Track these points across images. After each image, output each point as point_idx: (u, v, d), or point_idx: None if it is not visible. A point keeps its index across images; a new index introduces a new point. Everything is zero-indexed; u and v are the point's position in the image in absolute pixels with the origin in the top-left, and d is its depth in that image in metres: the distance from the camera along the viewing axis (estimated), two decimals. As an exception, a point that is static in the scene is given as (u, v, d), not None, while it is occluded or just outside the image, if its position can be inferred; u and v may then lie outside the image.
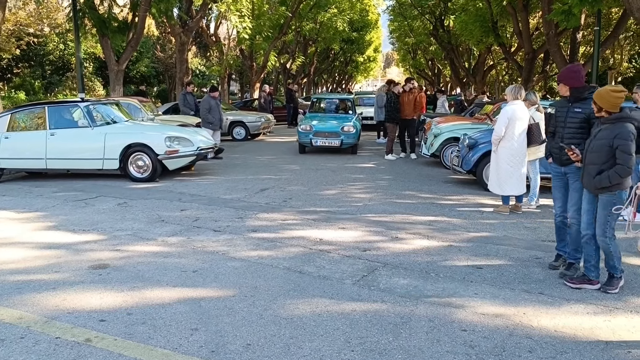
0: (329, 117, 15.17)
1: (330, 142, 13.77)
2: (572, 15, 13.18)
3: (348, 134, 13.71)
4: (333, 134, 13.77)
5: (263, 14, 24.45)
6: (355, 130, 13.78)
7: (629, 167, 4.39)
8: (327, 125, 14.08)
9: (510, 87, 7.68)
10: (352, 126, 13.84)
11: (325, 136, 13.78)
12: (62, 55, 29.66)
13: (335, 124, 14.10)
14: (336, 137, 13.72)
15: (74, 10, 15.86)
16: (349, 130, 13.73)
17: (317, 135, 13.81)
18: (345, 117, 14.88)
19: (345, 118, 14.78)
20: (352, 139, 13.83)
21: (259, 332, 3.94)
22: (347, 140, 13.78)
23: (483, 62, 31.65)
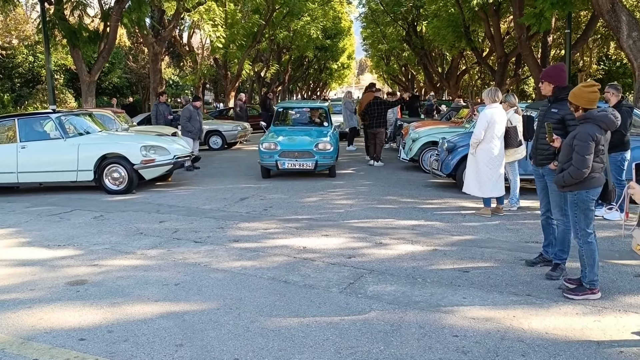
0: (300, 131, 12.07)
1: (302, 163, 10.90)
2: (543, 19, 13.37)
3: (324, 153, 10.90)
4: (305, 154, 10.91)
5: (236, 23, 24.32)
6: (332, 148, 11.04)
7: (580, 168, 4.37)
8: (297, 142, 11.23)
9: (487, 90, 7.71)
10: (329, 143, 11.03)
11: (294, 156, 10.95)
12: (32, 68, 29.07)
13: (308, 140, 11.21)
14: (309, 158, 10.93)
15: (44, 21, 15.57)
16: (325, 149, 10.90)
17: (285, 156, 10.93)
18: (320, 131, 11.89)
19: (320, 132, 11.81)
20: (330, 159, 11.07)
21: (246, 346, 3.82)
22: (324, 161, 11.01)
23: (456, 66, 32.00)
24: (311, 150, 10.92)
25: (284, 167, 10.93)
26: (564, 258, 5.14)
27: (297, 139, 11.41)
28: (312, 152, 10.89)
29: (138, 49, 36.25)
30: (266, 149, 10.99)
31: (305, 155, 10.92)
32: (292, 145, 11.12)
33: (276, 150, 10.94)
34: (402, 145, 13.00)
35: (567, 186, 4.55)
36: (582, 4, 14.92)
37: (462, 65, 33.13)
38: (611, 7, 10.68)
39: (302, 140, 11.27)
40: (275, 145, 11.00)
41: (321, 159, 10.93)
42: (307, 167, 10.95)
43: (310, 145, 11.01)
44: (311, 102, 14.09)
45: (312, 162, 10.89)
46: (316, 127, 12.52)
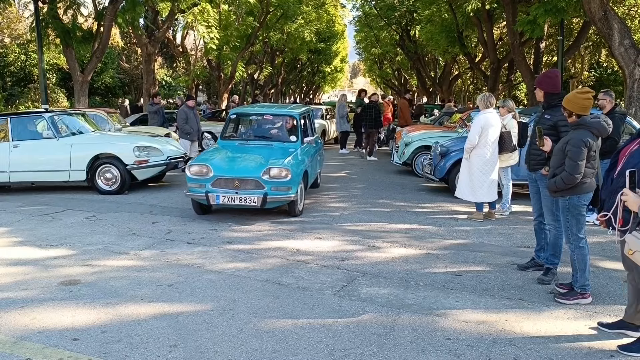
0: (252, 148, 8.52)
1: (244, 197, 7.40)
2: (537, 25, 13.47)
3: (278, 183, 7.45)
4: (249, 183, 7.46)
5: (230, 25, 24.27)
6: (291, 177, 7.49)
7: (572, 174, 4.42)
8: (240, 165, 7.81)
9: (481, 95, 7.76)
10: (285, 168, 7.51)
11: (234, 186, 7.46)
12: (24, 67, 28.91)
13: (255, 163, 7.78)
14: (255, 189, 7.43)
15: (37, 20, 15.49)
16: (279, 176, 7.45)
17: (220, 185, 7.50)
18: (280, 150, 8.33)
19: (279, 151, 8.25)
20: (286, 192, 7.55)
21: (240, 347, 3.83)
22: (277, 195, 7.49)
23: (449, 71, 32.14)
24: (257, 177, 7.40)
25: (217, 202, 7.44)
26: (555, 263, 5.19)
27: (241, 160, 7.95)
28: (259, 180, 7.40)
29: (131, 50, 36.17)
30: (195, 175, 7.60)
31: (249, 186, 7.41)
32: (230, 169, 7.63)
33: (208, 176, 7.50)
34: (395, 149, 13.05)
35: (559, 191, 4.59)
36: (574, 12, 15.04)
37: (454, 70, 33.29)
38: (603, 15, 10.78)
39: (246, 163, 7.81)
40: (208, 170, 7.55)
41: (273, 191, 7.43)
42: (251, 202, 7.35)
43: (257, 170, 7.49)
44: (278, 107, 10.28)
45: (258, 195, 7.31)
46: (280, 142, 8.73)
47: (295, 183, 7.63)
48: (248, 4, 23.63)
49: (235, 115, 9.46)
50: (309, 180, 8.75)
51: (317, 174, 9.92)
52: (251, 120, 9.73)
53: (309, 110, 10.26)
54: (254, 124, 9.75)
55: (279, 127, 9.37)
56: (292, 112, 9.16)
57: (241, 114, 9.70)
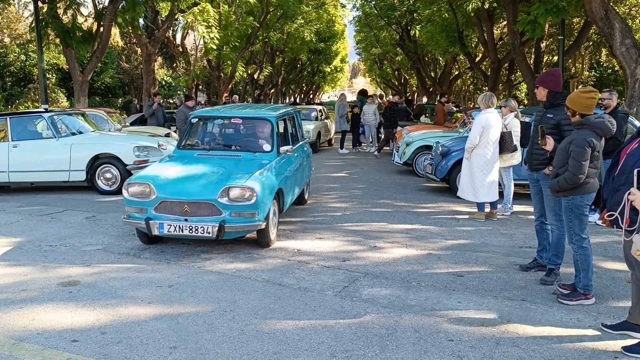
0: (213, 161, 6.75)
1: (195, 226, 5.84)
2: (537, 25, 13.43)
3: (241, 206, 5.91)
4: (202, 207, 5.93)
5: (230, 25, 24.25)
6: (256, 199, 5.87)
7: (576, 174, 4.38)
8: (192, 184, 6.12)
9: (482, 95, 7.73)
10: (249, 188, 5.90)
11: (183, 212, 5.93)
12: (24, 67, 28.91)
13: (214, 179, 6.16)
14: (210, 215, 5.90)
15: (37, 19, 15.45)
16: (241, 198, 5.91)
17: (165, 210, 5.97)
18: (248, 162, 6.70)
19: (247, 163, 6.64)
20: (251, 219, 5.98)
21: (241, 349, 3.80)
22: (238, 222, 5.94)
23: (449, 71, 32.08)
24: (213, 200, 5.82)
25: (161, 232, 5.86)
26: (558, 263, 5.16)
27: (195, 177, 6.20)
28: (214, 204, 5.82)
29: (131, 49, 36.16)
30: (134, 196, 6.02)
31: (202, 211, 5.86)
32: (179, 190, 5.97)
33: (150, 198, 5.92)
34: (396, 149, 13.02)
35: (561, 191, 4.56)
36: (575, 11, 15.02)
37: (455, 70, 33.25)
38: (605, 15, 10.76)
39: (200, 181, 6.09)
40: (150, 190, 5.95)
41: (233, 217, 5.85)
42: (204, 232, 5.77)
43: (213, 190, 5.88)
44: (251, 109, 8.42)
45: (213, 223, 5.75)
46: (249, 152, 6.97)
47: (262, 206, 5.94)
48: (248, 4, 23.61)
49: (196, 119, 7.68)
50: (288, 199, 7.11)
51: (302, 189, 8.33)
52: (216, 125, 8.02)
53: (292, 111, 8.56)
54: (220, 129, 8.06)
55: (251, 134, 7.67)
56: (267, 115, 7.42)
57: (204, 117, 7.89)
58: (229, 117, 7.72)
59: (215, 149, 7.28)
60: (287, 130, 8.07)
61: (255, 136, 7.56)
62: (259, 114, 7.70)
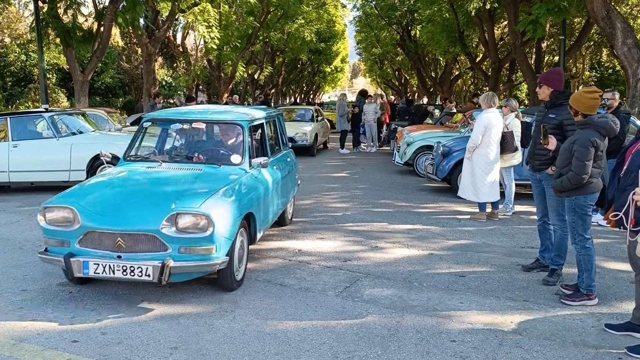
0: (165, 175, 5.40)
1: (130, 266, 4.34)
2: (539, 25, 13.42)
3: (192, 239, 4.44)
4: (141, 240, 4.46)
5: (231, 24, 24.24)
6: (214, 228, 4.42)
7: (579, 174, 4.36)
8: (129, 208, 4.66)
9: (484, 95, 7.71)
10: (205, 215, 4.43)
11: (114, 247, 4.44)
12: (24, 67, 28.89)
13: (159, 202, 4.69)
14: (151, 250, 4.44)
15: (37, 19, 15.44)
16: (195, 227, 4.45)
17: (91, 243, 4.52)
18: (210, 178, 5.29)
19: (207, 180, 5.23)
20: (206, 256, 4.49)
21: (242, 350, 3.77)
22: (188, 259, 4.46)
23: (450, 71, 32.07)
24: (154, 231, 4.42)
25: (86, 272, 4.43)
26: (560, 263, 5.13)
27: (134, 199, 4.82)
28: (157, 236, 4.42)
29: (131, 49, 36.14)
30: (54, 224, 4.65)
31: (140, 245, 4.46)
32: (111, 216, 4.57)
33: (73, 227, 4.54)
34: (397, 149, 13.00)
35: (565, 191, 4.54)
36: (576, 11, 15.01)
37: (455, 71, 33.23)
38: (606, 14, 10.74)
39: (140, 205, 4.69)
40: (73, 216, 4.56)
41: (182, 254, 4.45)
42: (142, 275, 4.35)
43: (156, 218, 4.47)
44: (218, 111, 6.73)
45: (155, 262, 4.35)
46: (213, 165, 5.56)
47: (223, 239, 4.51)
48: (248, 4, 23.61)
49: (150, 123, 6.15)
50: (262, 225, 5.60)
51: (285, 207, 6.94)
52: (174, 130, 6.35)
53: (272, 114, 7.17)
54: (179, 136, 6.53)
55: (216, 142, 6.46)
56: (237, 119, 5.96)
57: (160, 120, 6.32)
58: (190, 120, 6.11)
59: (171, 160, 5.82)
60: (265, 137, 6.48)
61: (221, 145, 6.25)
62: (226, 118, 6.18)
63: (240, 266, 5.05)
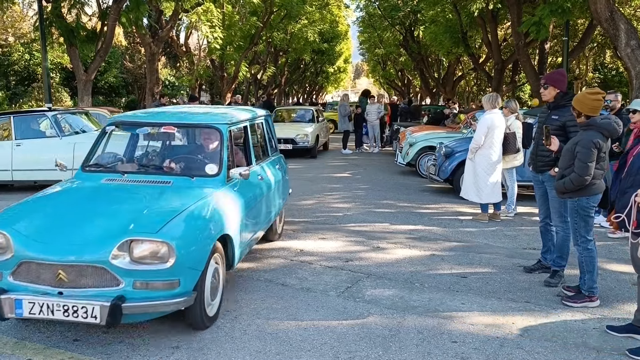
0: (127, 189, 4.56)
1: (72, 305, 3.49)
2: (542, 26, 13.38)
3: (150, 271, 3.59)
4: (86, 273, 3.59)
5: (234, 24, 24.27)
6: (178, 257, 3.60)
7: (582, 175, 4.35)
8: (73, 232, 3.76)
9: (487, 95, 7.70)
10: (166, 241, 3.60)
11: (55, 280, 3.57)
12: (28, 66, 28.95)
13: (111, 224, 3.81)
14: (97, 285, 3.59)
15: (41, 19, 15.46)
16: (153, 256, 3.62)
17: (26, 276, 3.64)
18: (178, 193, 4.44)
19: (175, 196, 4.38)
20: (168, 290, 3.65)
21: (243, 349, 3.78)
22: (145, 297, 3.60)
23: (452, 72, 32.04)
24: (104, 262, 3.57)
25: (19, 313, 3.57)
26: (562, 265, 5.12)
27: (83, 221, 3.93)
28: (107, 268, 3.58)
29: (135, 49, 36.19)
30: None
31: (85, 279, 3.61)
32: (51, 244, 3.69)
33: (6, 257, 3.67)
34: (399, 149, 13.00)
35: (567, 192, 4.53)
36: (580, 12, 14.97)
37: (458, 71, 33.20)
38: (610, 16, 10.71)
39: (88, 229, 3.81)
40: (6, 242, 3.69)
41: (138, 289, 3.60)
42: (87, 316, 3.50)
43: (105, 245, 3.62)
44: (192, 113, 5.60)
45: (102, 300, 3.51)
46: (184, 177, 4.78)
47: (188, 270, 3.71)
48: (252, 4, 23.63)
49: (113, 127, 5.33)
50: (241, 249, 4.75)
51: (273, 221, 6.14)
52: (141, 136, 5.57)
53: (258, 116, 6.28)
54: (147, 142, 5.80)
55: (190, 149, 5.63)
56: (214, 122, 5.09)
57: (126, 123, 5.46)
58: (159, 124, 5.23)
59: (136, 171, 4.97)
60: (249, 142, 5.59)
61: (196, 152, 5.42)
62: (202, 120, 5.35)
63: (213, 299, 4.20)
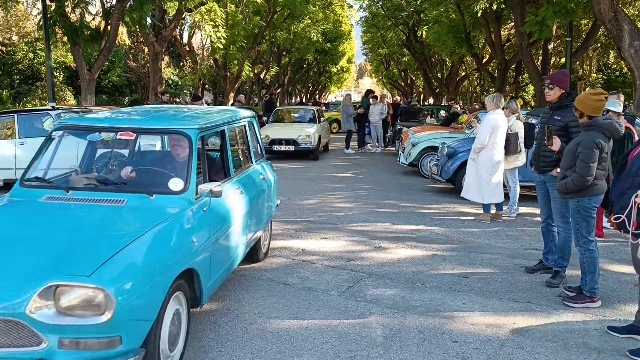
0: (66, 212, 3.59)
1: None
2: (545, 27, 13.37)
3: (82, 327, 2.71)
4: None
5: (237, 24, 24.28)
6: (114, 311, 2.69)
7: (583, 176, 4.35)
8: None
9: (491, 96, 7.69)
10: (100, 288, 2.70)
11: None
12: (32, 65, 29.03)
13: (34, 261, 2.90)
14: (18, 344, 2.72)
15: (44, 18, 15.50)
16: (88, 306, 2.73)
17: None
18: (133, 215, 3.62)
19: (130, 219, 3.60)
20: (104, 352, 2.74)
21: (244, 347, 3.79)
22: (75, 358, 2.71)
23: (456, 72, 32.03)
24: (21, 315, 2.68)
25: None
26: (564, 265, 5.12)
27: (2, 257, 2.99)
28: (23, 321, 2.69)
29: (138, 48, 36.24)
30: None
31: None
32: None
33: None
34: (402, 149, 13.00)
35: (569, 193, 4.53)
36: (583, 13, 14.96)
37: (461, 72, 33.18)
38: (613, 16, 10.69)
39: (5, 269, 2.87)
40: None
41: (65, 349, 2.70)
42: None
43: (22, 294, 2.72)
44: (154, 115, 4.75)
45: None
46: (142, 195, 3.82)
47: (133, 323, 2.89)
48: (255, 4, 23.65)
49: (60, 132, 4.31)
50: (211, 283, 3.88)
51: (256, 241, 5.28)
52: (93, 143, 4.56)
53: (240, 117, 5.43)
54: (102, 150, 4.79)
55: (151, 159, 4.79)
56: (182, 126, 4.19)
57: (74, 127, 4.40)
58: (114, 128, 4.30)
59: (83, 187, 4.02)
60: (227, 149, 4.71)
61: (158, 163, 4.54)
62: (167, 124, 4.38)
63: (173, 350, 3.34)
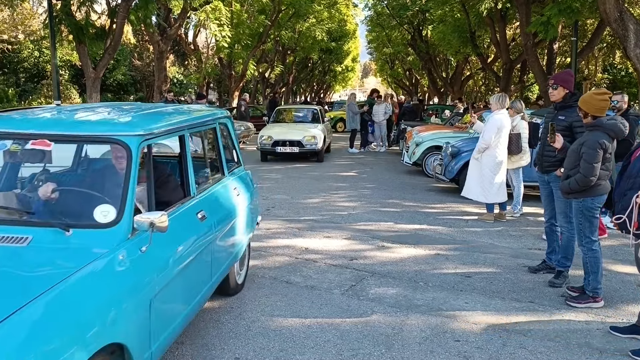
0: None
1: None
2: (550, 26, 13.32)
3: None
4: None
5: (242, 23, 24.31)
6: None
7: (587, 176, 4.34)
8: None
9: (496, 95, 7.69)
10: None
11: None
12: (37, 63, 29.16)
13: None
14: None
15: (50, 16, 15.56)
16: None
17: None
18: (37, 261, 2.51)
19: (33, 265, 2.48)
20: None
21: (247, 345, 3.81)
22: None
23: (461, 72, 31.98)
24: None
25: None
26: (567, 265, 5.12)
27: None
28: None
29: (143, 47, 36.32)
30: None
31: None
32: None
33: None
34: (406, 149, 12.99)
35: (572, 193, 4.53)
36: (589, 13, 14.90)
37: (466, 71, 33.12)
38: (619, 16, 10.65)
39: None
40: None
41: None
42: None
43: None
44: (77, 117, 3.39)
45: None
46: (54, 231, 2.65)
47: None
48: (260, 3, 23.69)
49: None
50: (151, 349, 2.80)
51: (227, 273, 4.29)
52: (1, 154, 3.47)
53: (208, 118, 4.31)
54: (8, 165, 3.58)
55: (75, 177, 3.89)
56: (117, 131, 3.09)
57: None
58: (25, 136, 3.20)
59: None
60: (187, 160, 3.67)
61: (83, 183, 3.55)
62: (98, 130, 3.22)
63: None
